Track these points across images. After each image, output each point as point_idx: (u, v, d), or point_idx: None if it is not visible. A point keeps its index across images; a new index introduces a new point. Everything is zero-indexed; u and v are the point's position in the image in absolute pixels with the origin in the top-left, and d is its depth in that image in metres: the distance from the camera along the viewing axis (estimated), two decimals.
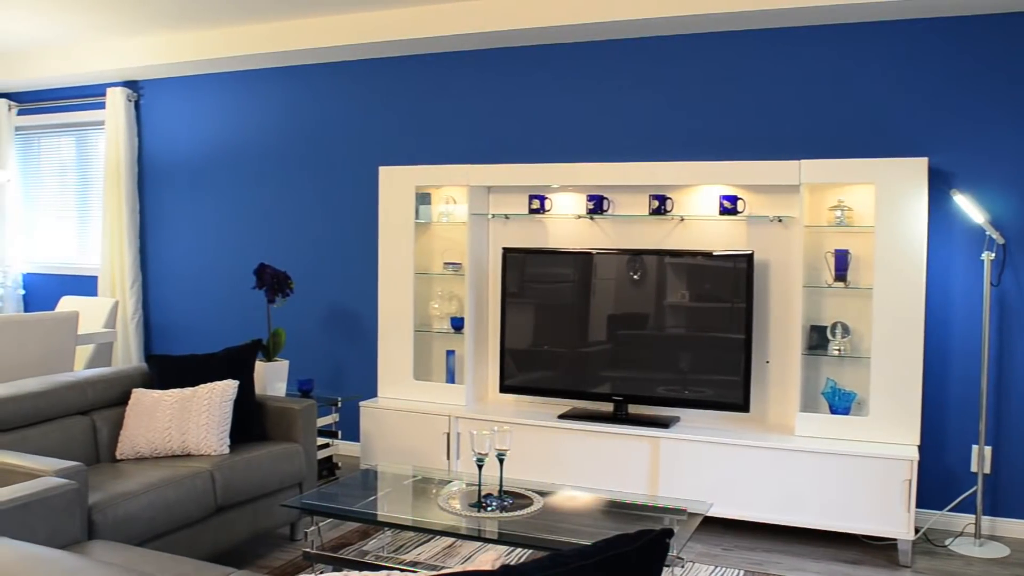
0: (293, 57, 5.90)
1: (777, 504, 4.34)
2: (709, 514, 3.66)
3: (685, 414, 4.89)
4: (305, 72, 6.09)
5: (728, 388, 4.65)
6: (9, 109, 7.29)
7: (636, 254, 4.85)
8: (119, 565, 1.80)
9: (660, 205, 4.88)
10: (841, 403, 4.52)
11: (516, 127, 5.45)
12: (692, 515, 3.48)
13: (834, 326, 4.58)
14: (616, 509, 3.66)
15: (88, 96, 6.96)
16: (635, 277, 4.85)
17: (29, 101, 7.31)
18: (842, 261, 4.54)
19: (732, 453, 4.42)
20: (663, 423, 4.70)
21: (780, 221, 4.73)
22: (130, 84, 6.77)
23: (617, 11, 4.77)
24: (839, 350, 4.56)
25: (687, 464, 4.50)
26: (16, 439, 3.64)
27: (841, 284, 4.54)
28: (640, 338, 4.87)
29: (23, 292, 7.42)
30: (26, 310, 7.41)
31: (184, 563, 2.75)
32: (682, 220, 4.94)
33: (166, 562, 2.75)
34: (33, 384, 3.87)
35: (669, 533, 1.51)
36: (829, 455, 4.25)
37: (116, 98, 6.66)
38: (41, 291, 7.36)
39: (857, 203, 4.54)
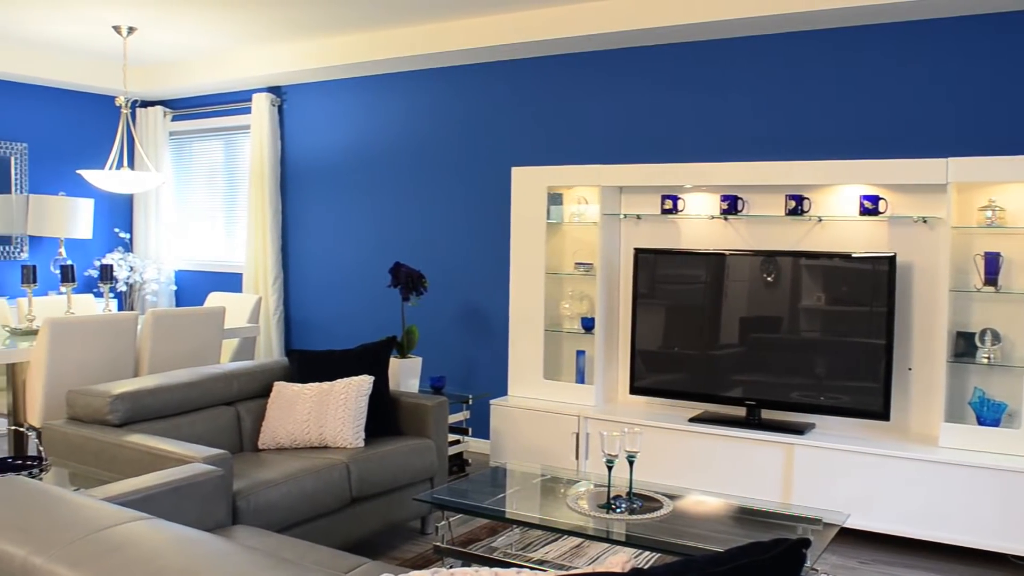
0: (427, 61, 6.02)
1: (919, 518, 4.16)
2: (846, 525, 3.54)
3: (821, 421, 4.75)
4: (439, 75, 6.21)
5: (867, 395, 4.48)
6: (164, 116, 7.72)
7: (771, 255, 4.74)
8: (261, 550, 1.88)
9: (797, 205, 4.75)
10: (990, 414, 4.29)
11: (648, 127, 5.40)
12: (828, 525, 3.37)
13: (983, 332, 4.35)
14: (748, 516, 3.58)
15: (235, 102, 7.30)
16: (769, 279, 4.74)
17: (182, 108, 7.71)
18: (993, 264, 4.31)
19: (871, 463, 4.26)
20: (798, 429, 4.58)
21: (925, 222, 4.54)
22: (274, 90, 7.05)
23: (751, 7, 4.67)
24: (988, 358, 4.33)
25: (823, 472, 4.37)
26: (168, 427, 3.86)
27: (991, 288, 4.31)
28: (774, 341, 4.75)
29: (175, 288, 7.83)
30: (177, 305, 7.82)
31: (320, 551, 2.85)
32: (820, 221, 4.79)
33: (304, 549, 2.85)
34: (184, 375, 4.09)
35: (806, 543, 1.47)
36: (977, 468, 4.05)
37: (261, 103, 6.95)
38: (191, 287, 7.76)
39: (1010, 203, 4.30)
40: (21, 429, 4.63)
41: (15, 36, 6.24)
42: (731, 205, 4.93)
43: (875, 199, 4.56)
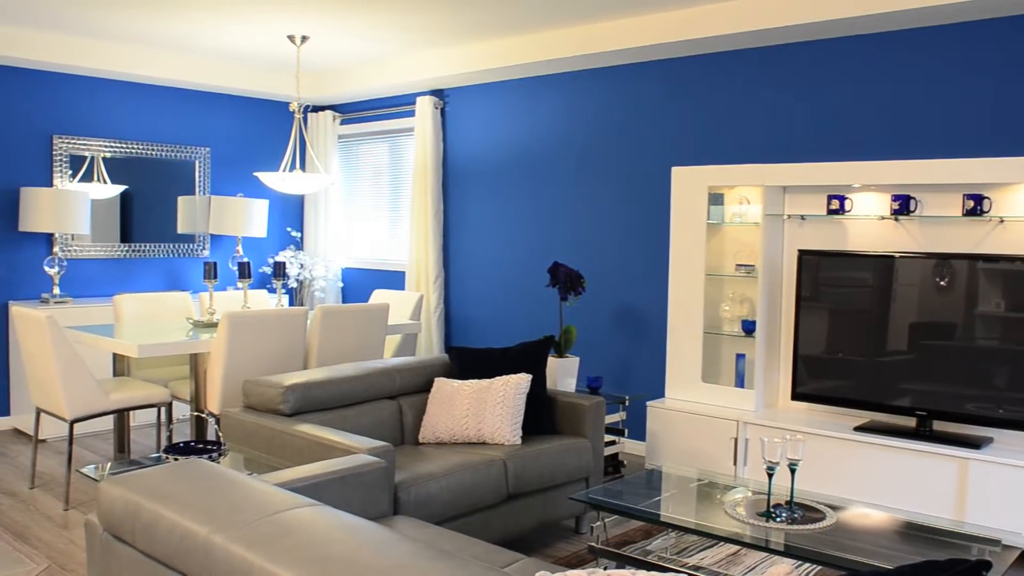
0: (586, 61, 6.03)
1: None
2: None
3: (999, 435, 4.47)
4: (598, 75, 6.21)
5: None
6: (333, 120, 8.05)
7: (945, 258, 4.49)
8: (421, 541, 1.94)
9: (976, 205, 4.49)
10: None
11: (813, 124, 5.23)
12: (1008, 547, 3.17)
13: None
14: (918, 532, 3.41)
15: (400, 105, 7.53)
16: (942, 283, 4.50)
17: (350, 112, 8.02)
18: None
19: None
20: (974, 443, 4.32)
21: None
22: (437, 93, 7.23)
23: None
24: None
25: (1001, 490, 4.11)
26: (335, 418, 4.02)
27: None
28: (946, 349, 4.50)
29: (342, 285, 8.15)
30: (344, 301, 8.13)
31: (478, 545, 2.90)
32: (1001, 222, 4.51)
33: (462, 542, 2.92)
34: (350, 369, 4.25)
35: (986, 565, 1.39)
36: None
37: (424, 106, 7.14)
38: (357, 284, 8.06)
39: None
40: (202, 415, 4.94)
41: (201, 48, 6.66)
42: (903, 205, 4.71)
43: None
